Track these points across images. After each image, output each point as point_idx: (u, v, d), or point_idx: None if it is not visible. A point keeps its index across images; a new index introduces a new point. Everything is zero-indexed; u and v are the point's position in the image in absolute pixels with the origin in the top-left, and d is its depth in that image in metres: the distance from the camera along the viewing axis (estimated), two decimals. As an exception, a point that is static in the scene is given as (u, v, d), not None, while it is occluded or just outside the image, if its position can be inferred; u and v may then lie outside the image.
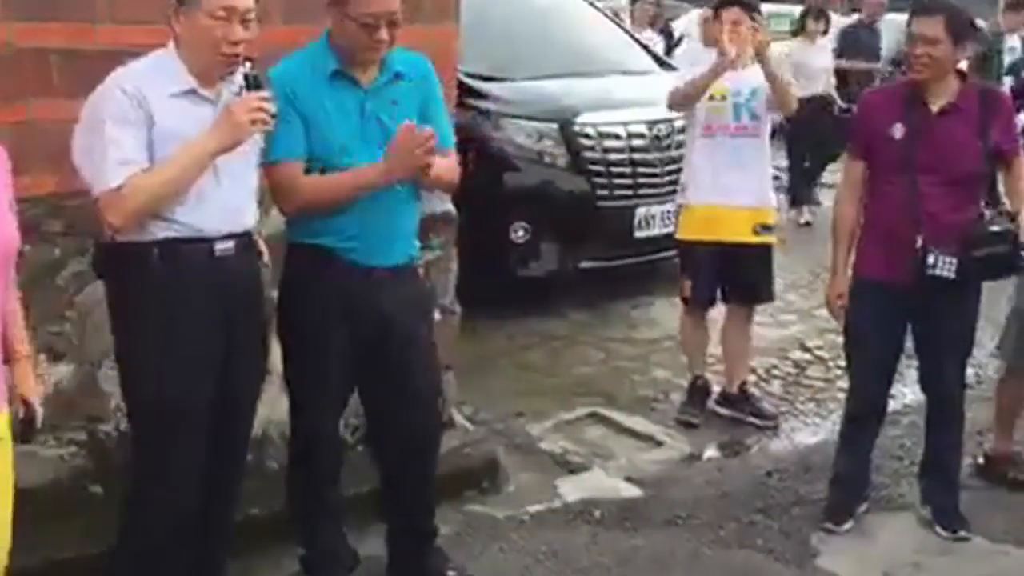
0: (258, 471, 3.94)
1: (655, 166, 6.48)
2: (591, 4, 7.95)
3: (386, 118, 3.20)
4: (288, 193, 3.19)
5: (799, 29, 9.10)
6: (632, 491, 4.33)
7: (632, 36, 7.92)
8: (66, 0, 3.36)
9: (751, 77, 4.82)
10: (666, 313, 6.12)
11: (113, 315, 3.00)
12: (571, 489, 4.31)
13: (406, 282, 3.34)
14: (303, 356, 3.30)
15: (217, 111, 2.88)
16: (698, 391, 5.14)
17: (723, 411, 5.08)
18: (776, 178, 5.77)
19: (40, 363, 3.52)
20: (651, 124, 6.46)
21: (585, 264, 6.42)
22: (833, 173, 8.55)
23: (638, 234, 6.45)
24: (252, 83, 2.89)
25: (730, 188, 4.83)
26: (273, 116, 2.88)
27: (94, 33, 3.17)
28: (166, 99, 2.83)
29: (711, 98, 4.83)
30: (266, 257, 3.15)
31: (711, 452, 4.75)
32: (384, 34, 3.11)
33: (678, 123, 6.53)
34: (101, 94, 2.83)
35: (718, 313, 5.19)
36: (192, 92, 2.87)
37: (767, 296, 5.14)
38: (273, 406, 3.96)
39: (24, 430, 2.64)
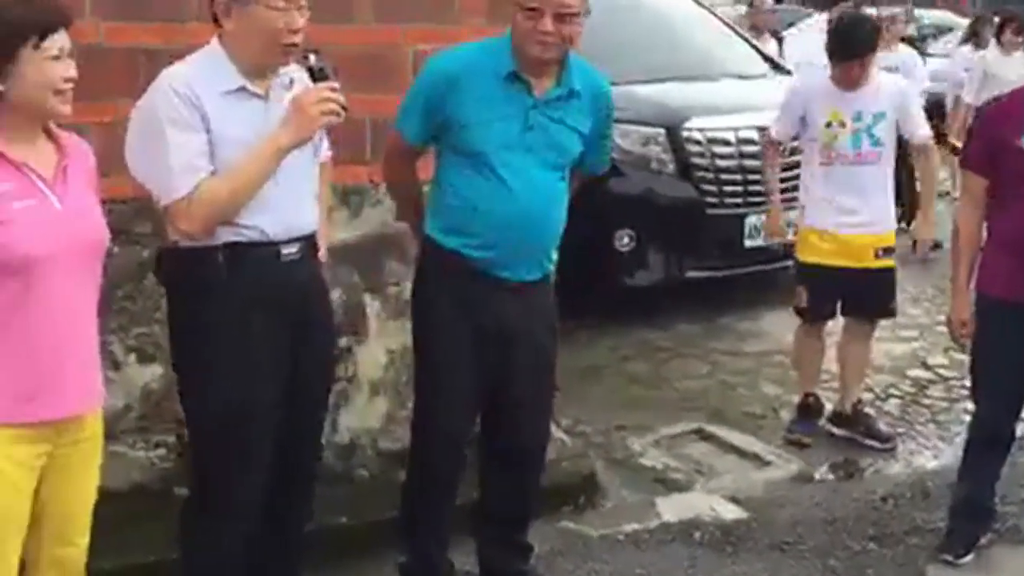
0: (347, 480, 3.89)
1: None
2: (700, 5, 7.75)
3: (549, 133, 3.10)
4: (385, 156, 3.24)
5: (970, 36, 8.80)
6: (735, 513, 4.12)
7: (745, 39, 7.68)
8: (154, -1, 3.34)
9: (874, 100, 4.57)
10: (777, 326, 5.89)
11: (174, 322, 2.91)
12: (671, 508, 4.13)
13: (536, 296, 3.22)
14: (427, 357, 3.23)
15: (267, 107, 2.79)
16: (809, 409, 4.90)
17: (836, 431, 4.83)
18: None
19: (129, 365, 3.51)
20: (763, 130, 6.19)
21: (692, 274, 6.24)
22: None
23: (748, 243, 6.25)
24: (319, 74, 2.78)
25: (850, 215, 4.60)
26: (344, 107, 2.77)
27: (182, 32, 3.12)
28: (218, 98, 2.74)
29: (828, 124, 4.59)
30: (323, 256, 3.06)
31: (821, 474, 4.51)
32: (548, 25, 2.97)
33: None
34: (153, 97, 2.75)
35: (833, 327, 4.95)
36: (242, 89, 2.78)
37: (889, 312, 4.88)
38: (362, 414, 3.91)
39: None
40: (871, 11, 8.31)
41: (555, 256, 3.30)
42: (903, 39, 8.15)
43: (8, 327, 2.39)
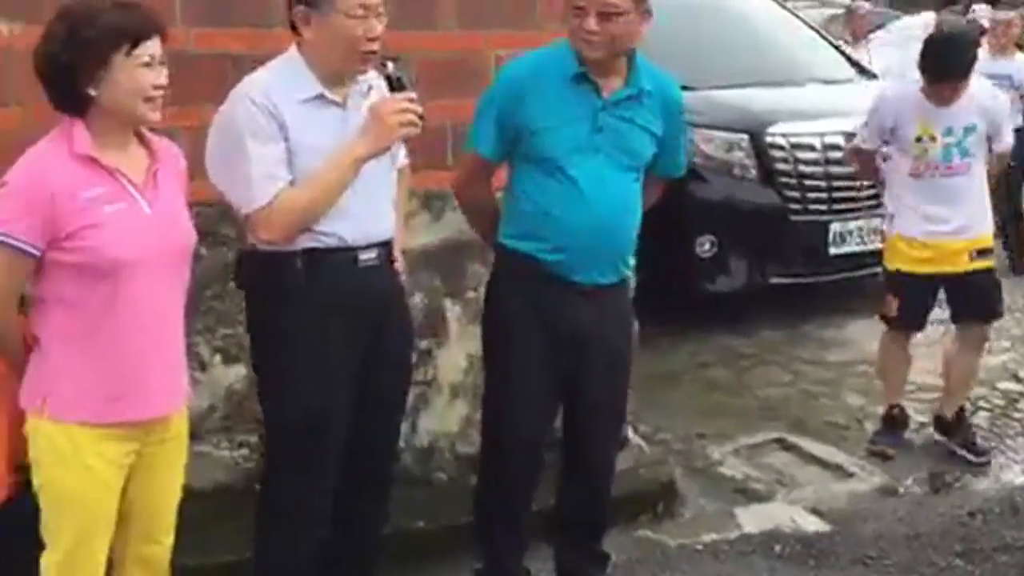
0: (425, 483, 3.90)
1: (853, 179, 6.13)
2: (784, 8, 7.65)
3: (619, 134, 3.08)
4: (461, 181, 3.24)
5: None
6: (817, 525, 4.05)
7: (831, 42, 7.55)
8: (242, 5, 3.38)
9: (965, 113, 4.46)
10: (861, 335, 5.78)
11: (253, 325, 2.94)
12: (751, 519, 4.07)
13: (611, 300, 3.20)
14: (500, 362, 3.23)
15: (346, 114, 2.79)
16: (894, 421, 4.80)
17: (938, 437, 4.73)
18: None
19: (215, 366, 3.56)
20: (849, 135, 6.10)
21: (775, 280, 6.16)
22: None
23: (833, 250, 6.16)
24: (397, 83, 2.78)
25: (941, 224, 4.50)
26: (421, 117, 2.77)
27: (268, 38, 3.15)
28: (296, 106, 2.75)
29: (918, 139, 4.49)
30: (400, 265, 3.06)
31: (906, 487, 4.41)
32: (592, 23, 2.96)
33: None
34: (232, 107, 2.77)
35: (922, 338, 4.86)
36: (320, 97, 2.79)
37: (995, 314, 4.72)
38: (441, 418, 3.92)
39: None
40: (985, 14, 8.02)
41: (632, 260, 3.27)
42: (1019, 45, 7.78)
43: (98, 329, 2.44)
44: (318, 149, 2.75)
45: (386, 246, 2.93)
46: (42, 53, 2.41)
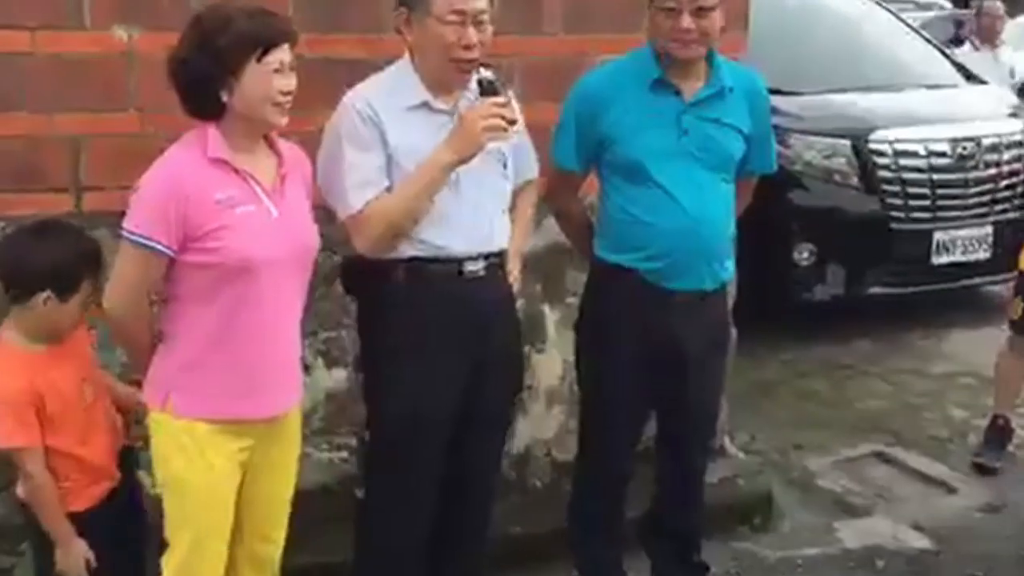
0: (520, 489, 3.89)
1: (958, 187, 6.01)
2: (886, 9, 7.49)
3: (706, 134, 3.03)
4: (549, 194, 3.20)
5: None
6: (921, 542, 3.95)
7: (936, 46, 7.38)
8: (356, 10, 3.40)
9: None
10: (964, 346, 5.67)
11: (360, 329, 2.97)
12: (852, 534, 3.99)
13: (709, 307, 3.15)
14: (592, 371, 3.22)
15: (452, 123, 2.77)
16: (998, 432, 4.66)
17: None
18: None
19: (317, 368, 3.60)
20: (955, 142, 6.01)
21: (875, 290, 6.02)
22: None
23: (936, 260, 6.00)
24: (487, 88, 2.75)
25: None
26: (512, 123, 2.75)
27: (381, 43, 3.17)
28: (400, 113, 2.75)
29: None
30: (515, 278, 3.03)
31: (1013, 504, 4.27)
32: (688, 22, 2.91)
33: (987, 141, 6.09)
34: (338, 114, 2.79)
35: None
36: (426, 105, 2.78)
37: None
38: (538, 424, 3.91)
39: None
40: None
41: (730, 265, 3.22)
42: None
43: (224, 327, 2.50)
44: (419, 156, 2.75)
45: (495, 257, 2.90)
46: (176, 61, 2.48)
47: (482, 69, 2.77)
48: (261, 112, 2.47)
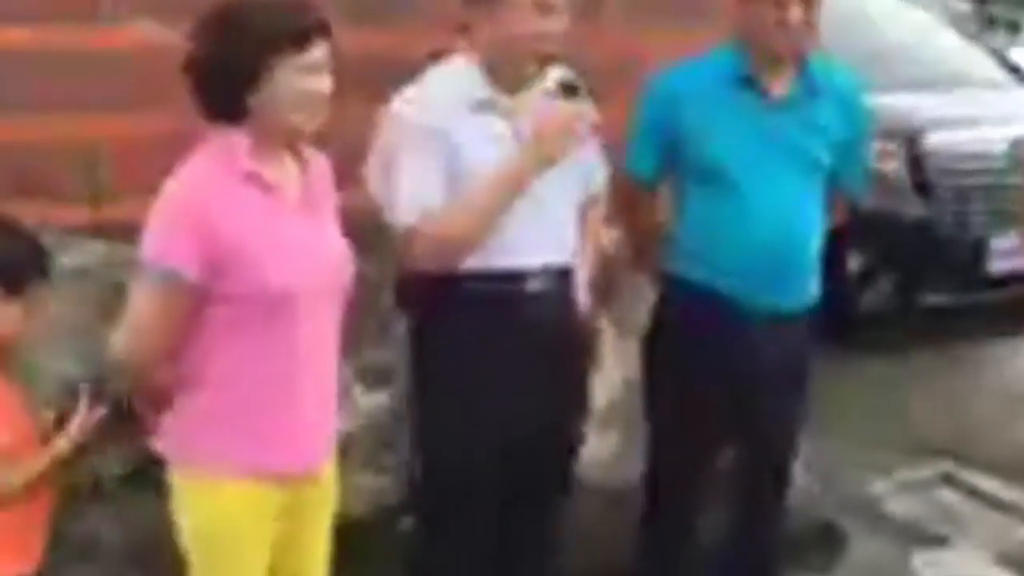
0: (571, 519, 3.63)
1: (1016, 191, 5.73)
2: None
3: (791, 138, 2.76)
4: (621, 205, 2.94)
5: None
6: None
7: (987, 46, 7.13)
8: (392, 3, 3.15)
9: None
10: (1025, 359, 5.39)
11: (411, 351, 2.70)
12: (931, 566, 3.74)
13: (793, 331, 2.88)
14: (665, 396, 2.98)
15: (516, 125, 2.52)
16: None
17: None
18: None
19: (355, 389, 3.33)
20: (1012, 143, 5.74)
21: (930, 299, 5.77)
22: None
23: (993, 267, 5.74)
24: (569, 90, 2.51)
25: None
26: (595, 127, 2.53)
27: (422, 38, 2.93)
28: (461, 112, 2.50)
29: None
30: (581, 296, 2.77)
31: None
32: (798, 14, 2.65)
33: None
34: (392, 113, 2.53)
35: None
36: (490, 103, 2.53)
37: None
38: (591, 448, 3.63)
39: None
40: None
41: (815, 282, 2.94)
42: None
43: (253, 367, 2.18)
44: (484, 162, 2.49)
45: (562, 273, 2.64)
46: (194, 57, 2.16)
47: (560, 69, 2.53)
48: (290, 118, 2.15)
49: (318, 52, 2.14)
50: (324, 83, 2.16)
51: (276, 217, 2.18)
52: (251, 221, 2.14)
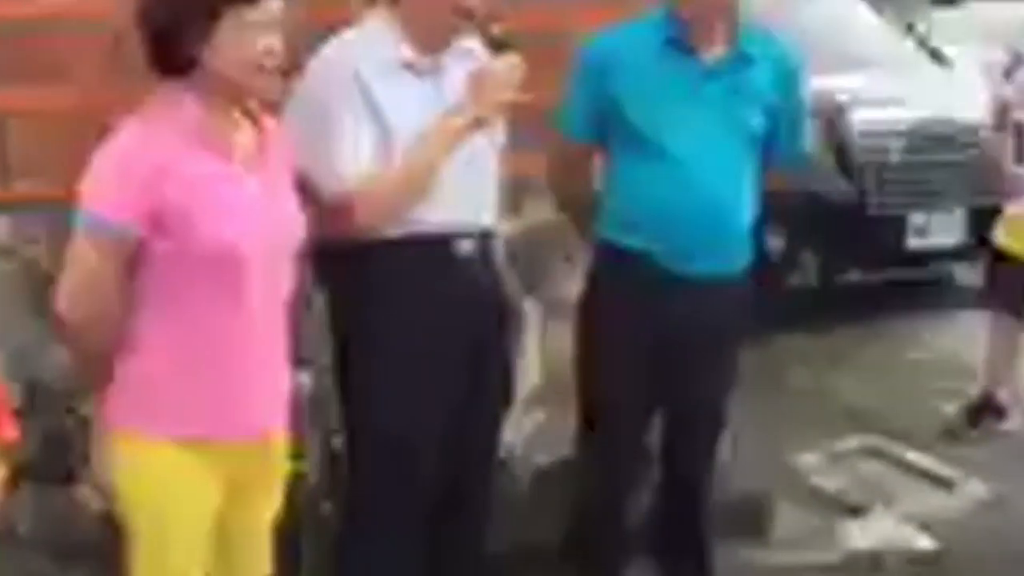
0: (497, 498, 3.60)
1: (933, 170, 5.82)
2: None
3: (724, 105, 2.76)
4: (554, 170, 2.94)
5: None
6: (925, 542, 3.74)
7: (904, 27, 7.22)
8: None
9: None
10: (947, 332, 5.51)
11: (335, 326, 2.64)
12: (854, 536, 3.77)
13: (726, 294, 2.88)
14: (596, 366, 2.95)
15: (440, 84, 2.49)
16: (984, 410, 4.55)
17: None
18: None
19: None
20: (929, 122, 5.83)
21: (851, 276, 5.84)
22: None
23: (912, 243, 5.81)
24: (497, 45, 2.49)
25: None
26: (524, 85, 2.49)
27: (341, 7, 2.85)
28: (384, 74, 2.46)
29: None
30: (500, 258, 2.77)
31: (1014, 497, 4.07)
32: None
33: (963, 121, 5.94)
34: (313, 78, 2.48)
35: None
36: (411, 64, 2.49)
37: None
38: (516, 425, 3.61)
39: None
40: None
41: (748, 251, 2.95)
42: None
43: (201, 332, 2.13)
44: (410, 123, 2.45)
45: (487, 237, 2.61)
46: (145, 9, 2.11)
47: (493, 25, 2.50)
48: (241, 76, 2.10)
49: (271, 6, 2.09)
50: (275, 40, 2.11)
51: (225, 176, 2.13)
52: (198, 178, 2.09)
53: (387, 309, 2.51)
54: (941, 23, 9.08)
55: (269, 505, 2.35)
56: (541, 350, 3.60)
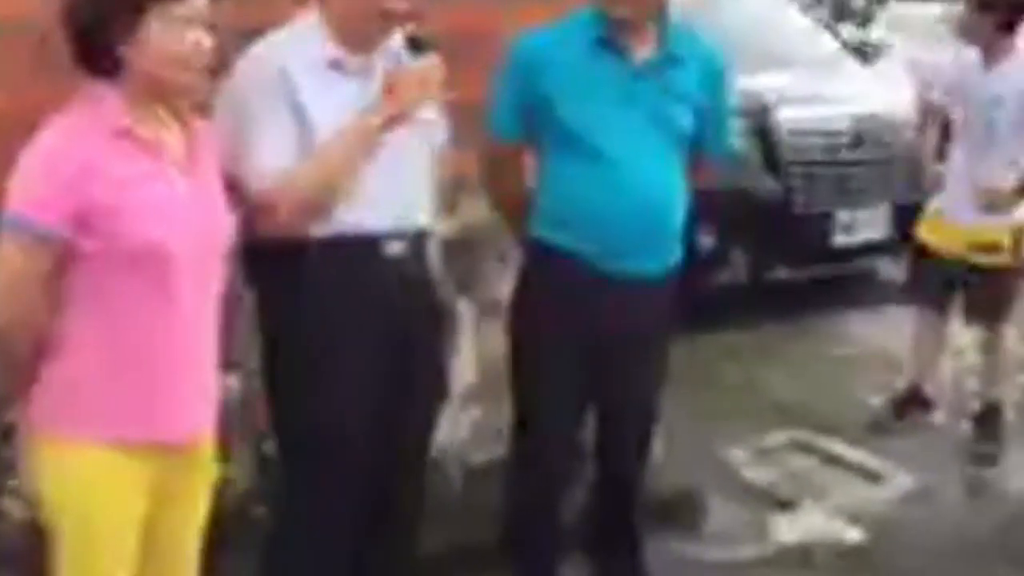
0: (432, 497, 3.58)
1: (856, 167, 5.92)
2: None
3: (653, 104, 2.77)
4: (485, 170, 2.92)
5: None
6: (854, 535, 3.79)
7: (827, 27, 7.35)
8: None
9: None
10: (872, 327, 5.59)
11: (263, 327, 2.61)
12: (784, 529, 3.81)
13: (654, 294, 2.89)
14: (527, 366, 2.95)
15: (367, 85, 2.48)
16: (909, 402, 4.64)
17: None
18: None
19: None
20: (854, 120, 5.92)
21: (779, 273, 5.91)
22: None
23: (838, 240, 5.90)
24: (417, 46, 2.48)
25: None
26: (444, 85, 2.48)
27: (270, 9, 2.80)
28: (310, 74, 2.44)
29: None
30: (434, 259, 2.75)
31: (942, 490, 4.16)
32: None
33: (887, 119, 6.05)
34: (239, 76, 2.46)
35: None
36: (338, 64, 2.47)
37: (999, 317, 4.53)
38: (451, 425, 3.60)
39: None
40: None
41: (678, 250, 2.97)
42: None
43: (127, 332, 2.09)
44: (334, 122, 2.43)
45: (419, 236, 2.59)
46: (69, 7, 2.07)
47: (412, 26, 2.48)
48: (168, 72, 2.07)
49: (196, 3, 2.07)
50: (202, 37, 2.09)
51: (153, 176, 2.10)
52: (126, 178, 2.06)
53: (316, 310, 2.49)
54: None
55: (197, 509, 2.32)
56: (475, 350, 3.60)
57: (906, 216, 5.81)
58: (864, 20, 8.63)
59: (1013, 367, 4.77)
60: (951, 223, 4.41)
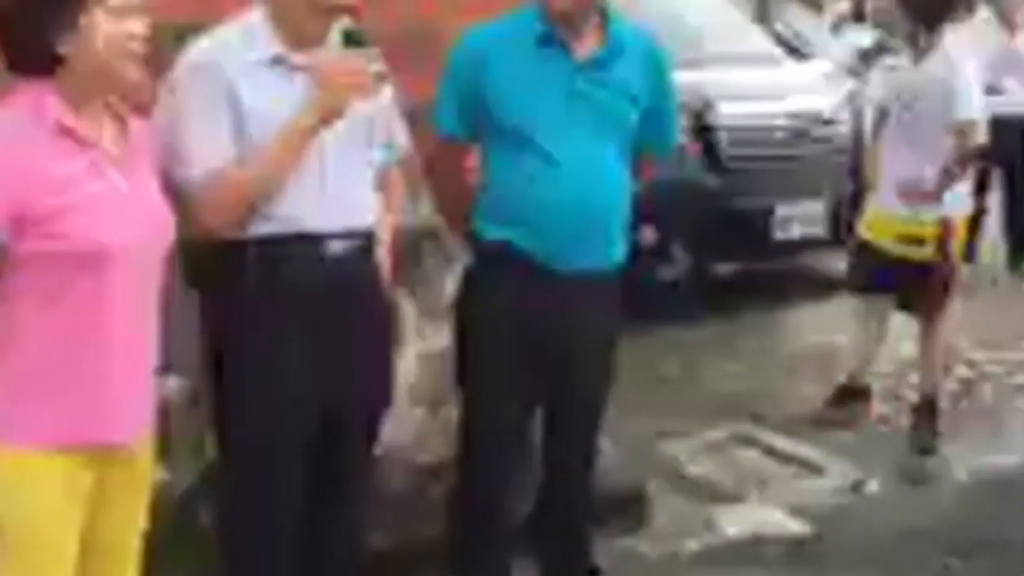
0: (380, 497, 3.55)
1: (796, 162, 5.98)
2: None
3: (597, 100, 2.75)
4: (429, 166, 2.91)
5: None
6: (799, 527, 3.81)
7: (763, 24, 7.41)
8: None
9: None
10: (811, 321, 5.68)
11: (203, 328, 2.56)
12: (730, 523, 3.82)
13: (598, 290, 2.88)
14: (472, 364, 2.92)
15: (310, 82, 2.43)
16: (849, 394, 4.69)
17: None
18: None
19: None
20: (792, 116, 5.98)
21: (720, 268, 5.96)
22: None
23: (778, 236, 5.97)
24: (351, 39, 2.44)
25: None
26: (382, 78, 2.45)
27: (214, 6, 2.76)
28: (250, 70, 2.39)
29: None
30: (381, 258, 2.70)
31: (883, 481, 4.20)
32: None
33: (826, 115, 6.12)
34: (178, 72, 2.41)
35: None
36: (279, 60, 2.42)
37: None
38: (396, 424, 3.56)
39: None
40: None
41: (622, 244, 2.97)
42: None
43: (67, 336, 2.05)
44: (274, 119, 2.38)
45: (361, 237, 2.54)
46: (2, 7, 2.03)
47: (348, 19, 2.44)
48: (113, 65, 2.05)
49: None
50: (138, 25, 2.07)
51: (92, 175, 2.06)
52: (64, 177, 2.02)
53: (256, 310, 2.44)
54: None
55: (136, 512, 2.29)
56: (421, 349, 3.57)
57: (844, 210, 5.93)
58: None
59: (951, 359, 4.84)
60: (883, 215, 4.47)
